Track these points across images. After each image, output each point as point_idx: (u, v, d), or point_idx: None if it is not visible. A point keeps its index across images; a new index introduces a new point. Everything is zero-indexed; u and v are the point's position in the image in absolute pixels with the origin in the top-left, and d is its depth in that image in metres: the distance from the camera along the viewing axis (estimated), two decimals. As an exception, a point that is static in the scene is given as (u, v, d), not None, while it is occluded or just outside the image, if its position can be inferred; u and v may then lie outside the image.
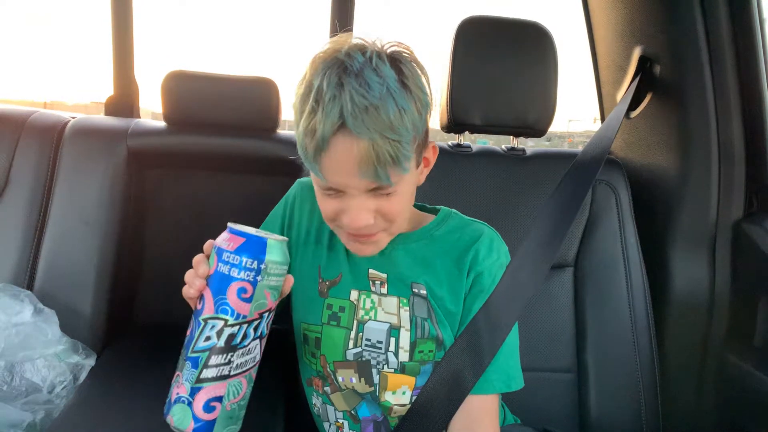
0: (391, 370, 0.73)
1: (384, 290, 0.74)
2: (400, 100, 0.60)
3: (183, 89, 1.17)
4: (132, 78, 1.44)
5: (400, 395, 0.74)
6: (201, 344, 0.57)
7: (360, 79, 0.59)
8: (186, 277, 0.60)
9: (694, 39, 1.07)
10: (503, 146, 1.19)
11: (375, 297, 0.74)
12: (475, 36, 1.09)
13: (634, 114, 1.24)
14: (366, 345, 0.73)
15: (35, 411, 0.83)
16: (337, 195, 0.65)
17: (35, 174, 1.09)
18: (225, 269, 0.57)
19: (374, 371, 0.73)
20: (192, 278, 0.59)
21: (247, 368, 0.59)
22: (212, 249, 0.59)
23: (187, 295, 0.60)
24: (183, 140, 1.18)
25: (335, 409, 0.77)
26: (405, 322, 0.73)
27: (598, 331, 1.07)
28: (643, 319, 1.07)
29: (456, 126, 1.12)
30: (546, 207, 0.92)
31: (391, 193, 0.65)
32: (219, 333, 0.57)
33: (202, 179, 1.24)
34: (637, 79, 1.16)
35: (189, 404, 0.57)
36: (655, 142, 1.19)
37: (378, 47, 0.63)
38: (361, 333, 0.74)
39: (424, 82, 0.65)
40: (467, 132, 1.16)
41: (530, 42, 1.09)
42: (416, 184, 0.71)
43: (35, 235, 1.07)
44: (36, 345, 0.89)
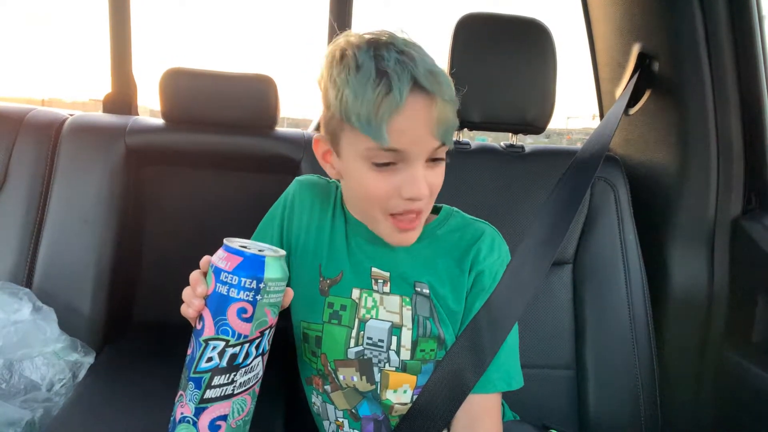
0: (393, 369, 0.73)
1: (386, 289, 0.74)
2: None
3: (181, 86, 1.17)
4: (130, 75, 1.43)
5: (402, 394, 0.74)
6: (203, 365, 0.56)
7: (416, 49, 0.63)
8: (184, 296, 0.59)
9: (693, 36, 1.07)
10: (502, 143, 1.19)
11: (377, 295, 0.74)
12: (474, 33, 1.09)
13: (633, 111, 1.24)
14: (367, 343, 0.73)
15: (34, 409, 0.82)
16: (391, 170, 0.64)
17: (33, 171, 1.09)
18: (224, 290, 0.55)
19: (376, 369, 0.73)
20: (190, 298, 0.58)
21: (251, 385, 0.59)
22: (209, 267, 0.58)
23: (186, 315, 0.59)
24: (181, 137, 1.17)
25: (335, 408, 0.77)
26: (407, 321, 0.73)
27: (597, 328, 1.08)
28: (642, 316, 1.07)
29: (455, 123, 1.11)
30: (546, 205, 0.92)
31: (438, 164, 0.67)
32: (221, 354, 0.56)
33: (201, 176, 1.24)
34: (636, 76, 1.16)
35: (194, 424, 0.57)
36: (654, 139, 1.19)
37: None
38: (363, 331, 0.73)
39: None
40: (466, 129, 1.16)
41: (529, 39, 1.09)
42: None
43: (34, 233, 1.06)
44: (35, 343, 0.89)
